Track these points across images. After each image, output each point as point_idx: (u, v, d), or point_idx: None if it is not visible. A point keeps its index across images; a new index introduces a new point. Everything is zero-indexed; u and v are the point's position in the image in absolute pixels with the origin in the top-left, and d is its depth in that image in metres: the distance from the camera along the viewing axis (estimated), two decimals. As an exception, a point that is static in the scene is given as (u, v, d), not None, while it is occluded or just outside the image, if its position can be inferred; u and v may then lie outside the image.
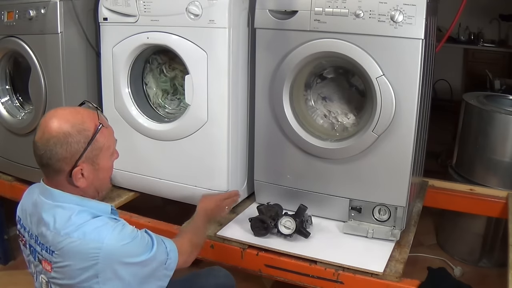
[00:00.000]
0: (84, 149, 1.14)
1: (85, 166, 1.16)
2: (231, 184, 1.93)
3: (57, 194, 1.17)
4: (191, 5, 1.78)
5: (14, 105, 2.32)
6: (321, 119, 1.93)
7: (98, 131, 1.16)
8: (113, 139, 1.23)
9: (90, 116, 1.18)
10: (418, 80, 1.60)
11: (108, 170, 1.23)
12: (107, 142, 1.20)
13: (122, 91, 2.01)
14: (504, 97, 2.77)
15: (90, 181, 1.19)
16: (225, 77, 1.81)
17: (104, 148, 1.19)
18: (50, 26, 1.98)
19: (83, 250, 1.11)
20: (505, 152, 2.38)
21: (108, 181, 1.26)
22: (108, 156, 1.21)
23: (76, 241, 1.11)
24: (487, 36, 4.82)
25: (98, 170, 1.19)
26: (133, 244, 1.16)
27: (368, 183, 1.76)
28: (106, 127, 1.20)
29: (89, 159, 1.16)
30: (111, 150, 1.22)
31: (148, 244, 1.20)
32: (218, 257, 1.74)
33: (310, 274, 1.61)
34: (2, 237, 2.49)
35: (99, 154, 1.18)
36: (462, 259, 2.57)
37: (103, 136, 1.18)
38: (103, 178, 1.23)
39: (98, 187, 1.23)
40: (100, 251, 1.10)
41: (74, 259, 1.12)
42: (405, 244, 1.72)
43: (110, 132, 1.22)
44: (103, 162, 1.20)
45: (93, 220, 1.15)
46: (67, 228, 1.13)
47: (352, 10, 1.62)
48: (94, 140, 1.15)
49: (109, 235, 1.13)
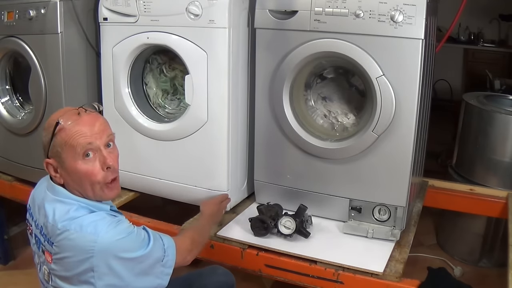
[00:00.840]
0: (48, 144, 1.19)
1: (53, 161, 1.20)
2: (231, 184, 1.93)
3: (59, 190, 1.21)
4: (191, 5, 1.78)
5: (14, 105, 2.32)
6: (321, 119, 1.93)
7: (55, 127, 1.17)
8: (81, 141, 1.17)
9: (65, 115, 1.19)
10: (418, 80, 1.60)
11: (80, 173, 1.18)
12: (69, 141, 1.17)
13: (122, 91, 2.01)
14: (504, 97, 2.77)
15: (65, 180, 1.21)
16: (225, 77, 1.81)
17: (65, 146, 1.17)
18: (50, 26, 1.98)
19: (79, 242, 1.13)
20: (505, 152, 2.38)
21: (90, 187, 1.20)
22: (73, 156, 1.17)
23: (73, 234, 1.13)
24: (487, 36, 4.81)
25: (66, 169, 1.19)
26: (128, 239, 1.16)
27: (368, 183, 1.76)
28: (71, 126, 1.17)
29: (55, 155, 1.19)
30: (77, 151, 1.17)
31: (144, 240, 1.20)
32: (218, 257, 1.74)
33: (310, 274, 1.61)
34: (2, 237, 2.49)
35: (61, 151, 1.18)
36: (462, 259, 2.57)
37: (63, 133, 1.17)
38: (79, 180, 1.19)
39: (80, 190, 1.21)
40: (95, 244, 1.11)
41: (70, 251, 1.14)
42: (405, 244, 1.72)
43: (76, 133, 1.17)
44: (68, 161, 1.18)
45: (91, 214, 1.17)
46: (64, 220, 1.15)
47: (352, 10, 1.62)
48: (54, 137, 1.18)
49: (105, 229, 1.13)
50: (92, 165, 1.19)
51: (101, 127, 1.22)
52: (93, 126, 1.20)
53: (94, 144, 1.19)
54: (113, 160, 1.23)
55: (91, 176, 1.20)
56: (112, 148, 1.26)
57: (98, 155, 1.20)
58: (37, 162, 2.17)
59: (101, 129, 1.22)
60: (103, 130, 1.22)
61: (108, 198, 1.26)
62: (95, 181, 1.20)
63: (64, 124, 1.18)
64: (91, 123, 1.21)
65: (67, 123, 1.18)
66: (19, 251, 2.57)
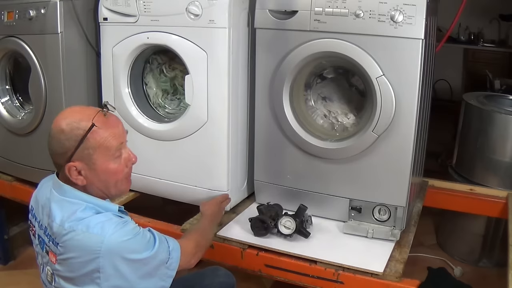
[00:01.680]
0: (75, 148, 1.16)
1: (79, 164, 1.18)
2: (231, 184, 1.93)
3: (67, 189, 1.21)
4: (191, 5, 1.78)
5: (14, 105, 2.32)
6: (321, 119, 1.93)
7: (89, 130, 1.17)
8: (115, 142, 1.20)
9: (90, 116, 1.18)
10: (418, 80, 1.60)
11: (110, 172, 1.21)
12: (104, 143, 1.18)
13: (122, 91, 2.01)
14: (504, 97, 2.76)
15: (90, 180, 1.20)
16: (225, 77, 1.81)
17: (99, 148, 1.18)
18: (50, 26, 1.98)
19: (85, 243, 1.13)
20: (505, 152, 2.38)
21: (114, 184, 1.23)
22: (107, 156, 1.20)
23: (79, 234, 1.13)
24: (487, 36, 4.81)
25: (96, 170, 1.19)
26: (134, 241, 1.16)
27: (368, 183, 1.76)
28: (103, 128, 1.19)
29: (83, 158, 1.18)
30: (111, 152, 1.20)
31: (150, 241, 1.20)
32: (218, 257, 1.74)
33: (310, 274, 1.61)
34: (2, 237, 2.49)
35: (93, 154, 1.18)
36: (462, 259, 2.57)
37: (97, 136, 1.18)
38: (106, 180, 1.22)
39: (103, 188, 1.23)
40: (102, 245, 1.11)
41: (76, 252, 1.14)
42: (405, 244, 1.72)
43: (111, 135, 1.20)
44: (100, 162, 1.19)
45: (97, 215, 1.17)
46: (71, 221, 1.15)
47: (352, 10, 1.62)
48: (85, 139, 1.17)
49: (111, 230, 1.14)
50: (119, 163, 1.24)
51: (123, 128, 1.27)
52: (119, 127, 1.24)
53: (123, 144, 1.25)
54: (134, 155, 1.28)
55: (119, 174, 1.24)
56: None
57: (123, 153, 1.25)
58: (37, 162, 2.17)
59: (123, 130, 1.27)
60: (124, 130, 1.27)
61: (125, 191, 1.30)
62: (120, 178, 1.24)
63: (99, 126, 1.19)
64: (117, 124, 1.24)
65: (100, 125, 1.19)
66: (19, 251, 2.57)
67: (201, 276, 1.55)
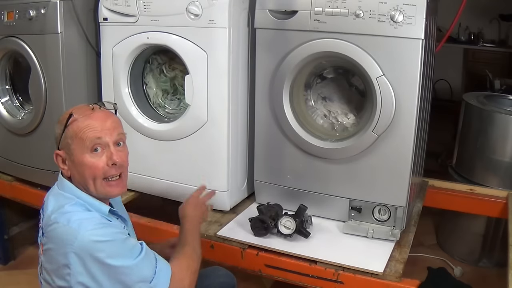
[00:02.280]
0: (60, 135, 1.21)
1: (63, 153, 1.22)
2: (231, 184, 1.93)
3: (65, 184, 1.23)
4: (191, 5, 1.78)
5: (14, 105, 2.32)
6: (321, 119, 1.93)
7: (69, 120, 1.20)
8: (90, 135, 1.18)
9: (79, 109, 1.22)
10: (418, 80, 1.60)
11: (85, 165, 1.19)
12: (79, 134, 1.18)
13: (122, 91, 2.01)
14: (504, 97, 2.76)
15: (72, 172, 1.22)
16: (225, 77, 1.81)
17: (75, 139, 1.19)
18: (50, 26, 1.98)
19: (62, 236, 1.13)
20: (505, 152, 2.38)
21: (92, 181, 1.20)
22: (81, 149, 1.18)
23: (60, 227, 1.13)
24: (487, 36, 4.81)
25: (74, 162, 1.20)
26: (111, 244, 1.13)
27: (368, 183, 1.76)
28: (81, 119, 1.19)
29: (65, 147, 1.21)
30: (85, 144, 1.18)
31: (133, 251, 1.16)
32: (218, 257, 1.74)
33: (310, 274, 1.61)
34: (2, 237, 2.49)
35: (71, 144, 1.20)
36: (462, 259, 2.57)
37: (74, 126, 1.19)
38: (82, 173, 1.20)
39: (82, 183, 1.21)
40: (75, 240, 1.10)
41: (54, 244, 1.15)
42: (405, 244, 1.72)
43: (87, 126, 1.19)
44: (76, 153, 1.19)
45: (82, 212, 1.17)
46: (58, 213, 1.16)
47: (352, 10, 1.62)
48: (66, 128, 1.20)
49: (88, 228, 1.12)
50: (97, 159, 1.20)
51: (113, 125, 1.23)
52: (104, 122, 1.22)
53: (103, 139, 1.20)
54: (120, 157, 1.22)
55: (94, 170, 1.20)
56: (122, 147, 1.26)
57: (106, 151, 1.21)
58: (37, 162, 2.17)
59: (113, 126, 1.23)
60: (114, 128, 1.23)
61: (111, 195, 1.25)
62: (97, 176, 1.20)
63: (77, 116, 1.20)
64: (103, 119, 1.22)
65: (79, 116, 1.20)
66: (19, 251, 2.57)
67: (201, 276, 1.54)
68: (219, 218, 1.90)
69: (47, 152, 2.14)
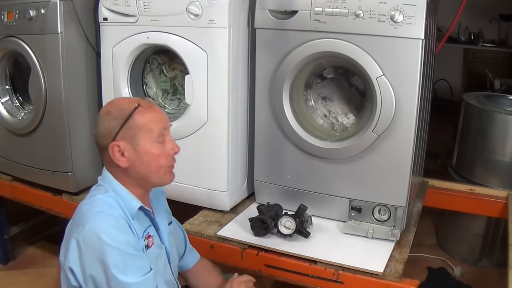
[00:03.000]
0: (120, 126, 1.19)
1: (123, 144, 1.19)
2: (231, 184, 1.93)
3: (106, 174, 1.24)
4: (191, 5, 1.78)
5: (14, 105, 2.32)
6: (321, 119, 1.93)
7: (135, 110, 1.20)
8: (158, 125, 1.22)
9: (135, 100, 1.24)
10: (418, 80, 1.60)
11: (153, 155, 1.21)
12: (148, 124, 1.20)
13: (122, 91, 2.01)
14: (504, 97, 2.77)
15: (132, 162, 1.20)
16: (225, 77, 1.81)
17: (143, 128, 1.20)
18: (50, 26, 1.98)
19: (76, 220, 1.15)
20: (505, 152, 2.38)
21: (157, 170, 1.22)
22: (150, 138, 1.20)
23: (80, 212, 1.16)
24: (487, 36, 4.81)
25: (139, 152, 1.20)
26: (116, 252, 1.10)
27: (368, 183, 1.76)
28: (147, 110, 1.22)
29: (127, 138, 1.19)
30: (154, 134, 1.21)
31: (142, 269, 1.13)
32: (218, 257, 1.74)
33: (310, 274, 1.61)
34: (2, 237, 2.49)
35: (137, 133, 1.19)
36: (462, 259, 2.57)
37: (142, 116, 1.20)
38: (148, 163, 1.21)
39: (145, 173, 1.22)
40: (82, 229, 1.11)
41: (70, 224, 1.18)
42: (405, 244, 1.72)
43: (154, 117, 1.22)
44: (143, 143, 1.20)
45: (106, 207, 1.16)
46: (87, 199, 1.20)
47: (352, 10, 1.62)
48: (130, 119, 1.19)
49: (101, 223, 1.12)
50: (162, 149, 1.23)
51: (166, 116, 1.28)
52: (162, 114, 1.26)
53: (167, 130, 1.25)
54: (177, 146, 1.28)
55: (161, 159, 1.22)
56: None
57: (166, 141, 1.25)
58: (37, 162, 2.17)
59: (167, 118, 1.28)
60: (167, 119, 1.28)
61: (168, 182, 1.28)
62: (162, 165, 1.23)
63: (141, 108, 1.21)
64: (160, 112, 1.26)
65: (144, 107, 1.22)
66: (19, 251, 2.57)
67: None
68: (219, 218, 1.90)
69: (47, 152, 2.15)
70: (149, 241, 1.23)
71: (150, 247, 1.23)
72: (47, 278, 2.27)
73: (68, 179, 2.10)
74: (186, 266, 1.49)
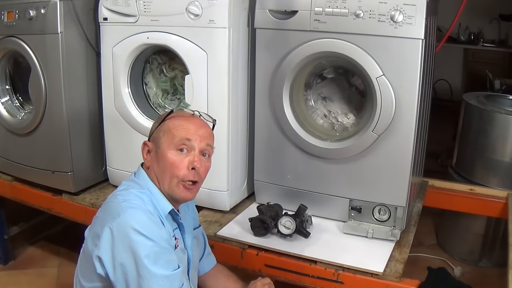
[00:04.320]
0: (155, 127, 1.28)
1: (151, 144, 1.27)
2: (231, 184, 1.93)
3: (141, 172, 1.28)
4: (191, 5, 1.78)
5: (14, 105, 2.32)
6: (321, 119, 1.93)
7: (169, 115, 1.27)
8: (182, 133, 1.23)
9: (181, 111, 1.30)
10: (418, 80, 1.60)
11: (168, 160, 1.22)
12: (173, 130, 1.23)
13: (122, 91, 2.01)
14: (504, 97, 2.77)
15: (151, 163, 1.25)
16: (225, 77, 1.81)
17: (167, 133, 1.23)
18: (50, 26, 1.98)
19: (111, 209, 1.16)
20: (505, 152, 2.38)
21: (169, 178, 1.22)
22: (170, 144, 1.22)
23: (115, 202, 1.18)
24: (487, 36, 4.82)
25: (158, 154, 1.24)
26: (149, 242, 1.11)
27: (368, 183, 1.76)
28: (179, 118, 1.25)
29: (155, 139, 1.26)
30: (174, 140, 1.22)
31: (170, 264, 1.15)
32: (218, 257, 1.74)
33: (310, 274, 1.61)
34: (2, 237, 2.49)
35: (162, 136, 1.24)
36: (462, 259, 2.57)
37: (171, 122, 1.25)
38: (162, 167, 1.23)
39: (158, 177, 1.24)
40: (117, 218, 1.12)
41: (103, 212, 1.19)
42: (405, 244, 1.72)
43: (181, 125, 1.24)
44: (163, 147, 1.23)
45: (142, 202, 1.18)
46: (122, 191, 1.22)
47: (352, 10, 1.62)
48: (163, 122, 1.26)
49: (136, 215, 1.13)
50: (181, 159, 1.23)
51: (205, 134, 1.27)
52: (199, 128, 1.26)
53: (192, 143, 1.24)
54: (201, 165, 1.24)
55: (175, 169, 1.22)
56: (206, 159, 1.28)
57: (190, 154, 1.24)
58: (37, 162, 2.17)
59: (205, 136, 1.26)
60: (206, 137, 1.27)
61: (180, 197, 1.25)
62: (175, 175, 1.23)
63: (176, 114, 1.27)
64: (198, 125, 1.27)
65: (179, 115, 1.27)
66: (19, 251, 2.57)
67: None
68: (219, 218, 1.90)
69: (47, 152, 2.15)
70: (175, 242, 1.25)
71: (176, 248, 1.25)
72: (47, 278, 2.28)
73: (68, 179, 2.10)
74: (203, 270, 1.50)
